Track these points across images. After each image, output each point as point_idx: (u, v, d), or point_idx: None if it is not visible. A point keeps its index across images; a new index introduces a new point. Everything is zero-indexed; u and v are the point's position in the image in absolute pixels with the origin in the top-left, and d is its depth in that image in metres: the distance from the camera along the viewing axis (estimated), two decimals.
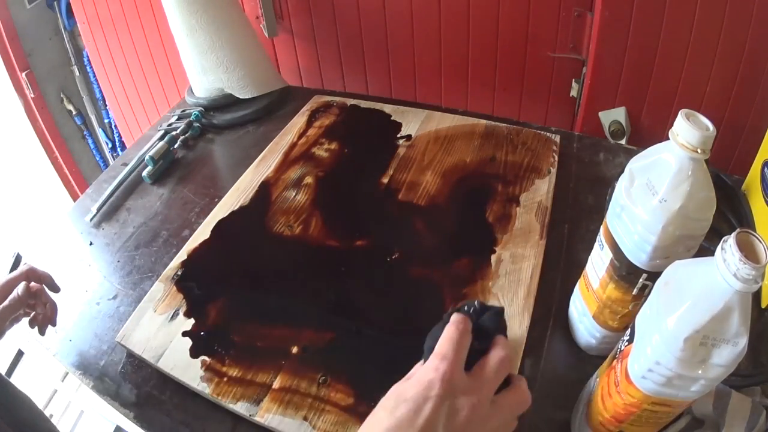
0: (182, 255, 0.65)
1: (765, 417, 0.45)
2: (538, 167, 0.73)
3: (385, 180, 0.73)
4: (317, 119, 0.88)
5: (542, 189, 0.70)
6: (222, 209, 0.71)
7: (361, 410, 0.49)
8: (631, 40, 0.87)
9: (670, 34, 0.85)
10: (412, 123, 0.84)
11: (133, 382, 0.55)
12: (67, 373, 0.52)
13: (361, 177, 0.75)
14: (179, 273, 0.63)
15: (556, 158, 0.75)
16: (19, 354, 1.41)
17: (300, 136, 0.84)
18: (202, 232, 0.68)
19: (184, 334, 0.57)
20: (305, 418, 0.49)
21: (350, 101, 0.91)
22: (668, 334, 0.32)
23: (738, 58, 0.84)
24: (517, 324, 0.55)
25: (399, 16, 1.00)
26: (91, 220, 0.74)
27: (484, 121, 0.83)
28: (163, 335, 0.57)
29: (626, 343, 0.38)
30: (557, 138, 0.78)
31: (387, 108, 0.88)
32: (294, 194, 0.73)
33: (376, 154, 0.79)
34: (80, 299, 0.64)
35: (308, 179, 0.75)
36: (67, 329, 0.61)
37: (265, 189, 0.74)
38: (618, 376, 0.38)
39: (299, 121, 0.88)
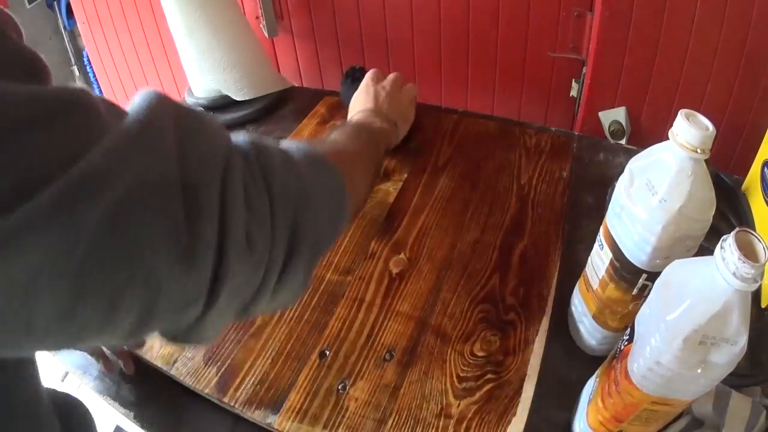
0: None
1: (765, 417, 0.45)
2: (551, 170, 0.73)
3: (399, 183, 0.73)
4: (329, 120, 0.87)
5: (557, 191, 0.70)
6: None
7: (381, 418, 0.48)
8: (631, 40, 0.87)
9: (670, 34, 0.85)
10: (425, 124, 0.84)
11: (133, 382, 0.55)
12: (67, 373, 0.52)
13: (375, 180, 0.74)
14: None
15: (571, 161, 0.74)
16: None
17: (311, 138, 0.83)
18: None
19: None
20: (325, 427, 0.48)
21: None
22: (668, 334, 0.32)
23: (738, 58, 0.84)
24: (536, 327, 0.54)
25: (399, 16, 1.00)
26: None
27: (495, 123, 0.82)
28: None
29: (626, 343, 0.38)
30: (571, 140, 0.78)
31: None
32: None
33: (389, 156, 0.78)
34: None
35: None
36: None
37: None
38: (618, 376, 0.38)
39: (310, 123, 0.87)
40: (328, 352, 0.54)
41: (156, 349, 0.55)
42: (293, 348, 0.54)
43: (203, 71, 0.89)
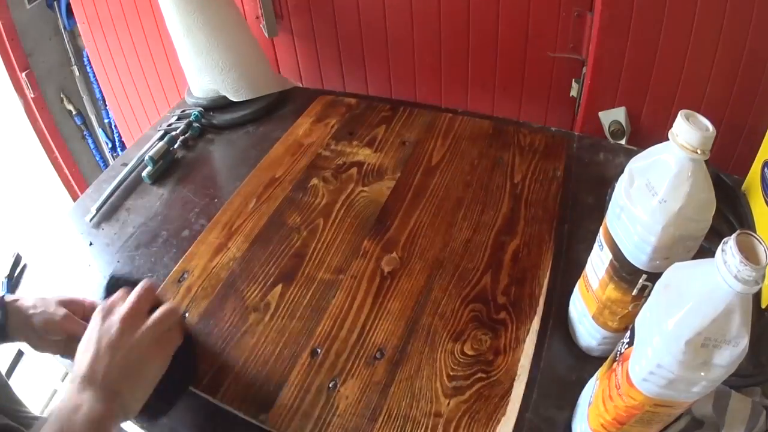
0: (188, 258, 0.65)
1: (765, 417, 0.45)
2: (545, 169, 0.73)
3: (392, 182, 0.73)
4: (323, 119, 0.87)
5: (550, 191, 0.69)
6: (227, 213, 0.71)
7: (371, 416, 0.48)
8: (631, 40, 0.87)
9: (670, 34, 0.85)
10: (419, 123, 0.84)
11: None
12: (67, 373, 0.52)
13: (368, 179, 0.75)
14: (185, 276, 0.63)
15: (564, 160, 0.74)
16: (19, 354, 1.41)
17: (306, 137, 0.84)
18: (208, 236, 0.68)
19: (193, 337, 0.55)
20: (315, 424, 0.48)
21: (352, 100, 0.91)
22: (669, 337, 0.32)
23: (738, 58, 0.84)
24: (527, 327, 0.54)
25: (399, 15, 1.00)
26: (91, 220, 0.74)
27: (490, 122, 0.82)
28: None
29: (626, 346, 0.38)
30: (565, 139, 0.78)
31: (394, 107, 0.88)
32: (300, 196, 0.72)
33: (383, 155, 0.78)
34: None
35: (314, 181, 0.75)
36: None
37: (271, 191, 0.74)
38: (619, 379, 0.38)
39: (305, 121, 0.87)
40: (319, 350, 0.54)
41: None
42: (285, 346, 0.55)
43: (201, 71, 0.89)
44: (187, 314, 0.58)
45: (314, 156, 0.79)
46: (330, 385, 0.51)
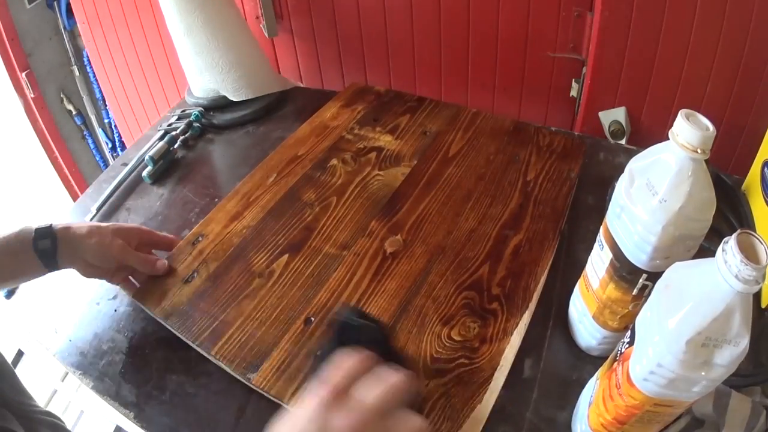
0: (205, 223, 0.68)
1: (765, 417, 0.45)
2: (560, 169, 0.73)
3: (408, 169, 0.74)
4: (350, 104, 0.88)
5: (561, 191, 0.70)
6: (247, 184, 0.73)
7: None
8: (631, 40, 0.87)
9: (670, 34, 0.85)
10: (443, 116, 0.85)
11: (133, 382, 0.55)
12: (67, 373, 0.52)
13: (385, 164, 0.76)
14: (199, 239, 0.65)
15: (580, 163, 0.74)
16: (19, 354, 1.41)
17: (332, 120, 0.85)
18: (226, 204, 0.70)
19: (198, 296, 0.58)
20: (298, 388, 0.49)
21: (382, 89, 0.92)
22: (670, 337, 0.32)
23: (738, 58, 0.84)
24: (516, 320, 0.55)
25: (399, 16, 1.00)
26: (91, 220, 0.74)
27: (512, 121, 0.83)
28: (177, 296, 0.58)
29: (626, 346, 0.38)
30: (585, 143, 0.78)
31: (420, 99, 0.89)
32: (318, 174, 0.74)
33: (403, 143, 0.80)
34: (80, 299, 0.64)
35: (334, 161, 0.76)
36: (67, 329, 0.61)
37: (291, 167, 0.76)
38: (619, 379, 0.38)
39: (333, 105, 0.89)
40: (313, 319, 0.55)
41: (159, 302, 0.58)
42: (282, 312, 0.56)
43: (201, 71, 0.89)
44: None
45: (337, 138, 0.81)
46: (318, 353, 0.52)
